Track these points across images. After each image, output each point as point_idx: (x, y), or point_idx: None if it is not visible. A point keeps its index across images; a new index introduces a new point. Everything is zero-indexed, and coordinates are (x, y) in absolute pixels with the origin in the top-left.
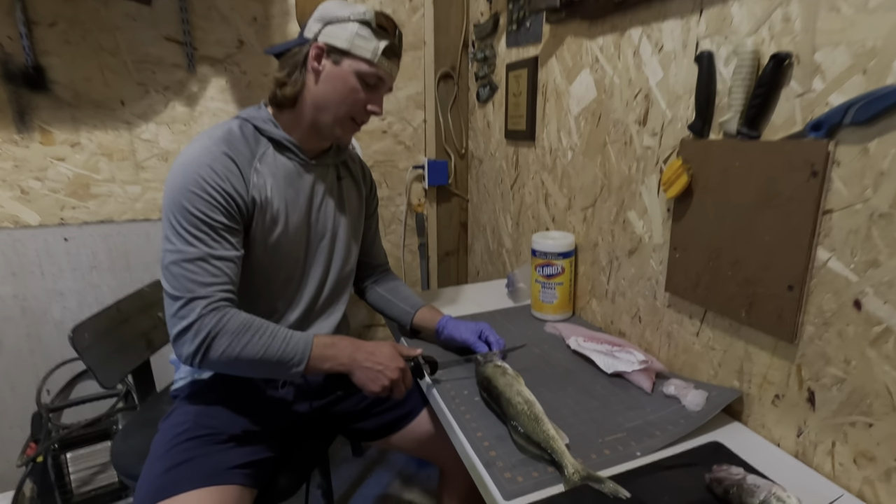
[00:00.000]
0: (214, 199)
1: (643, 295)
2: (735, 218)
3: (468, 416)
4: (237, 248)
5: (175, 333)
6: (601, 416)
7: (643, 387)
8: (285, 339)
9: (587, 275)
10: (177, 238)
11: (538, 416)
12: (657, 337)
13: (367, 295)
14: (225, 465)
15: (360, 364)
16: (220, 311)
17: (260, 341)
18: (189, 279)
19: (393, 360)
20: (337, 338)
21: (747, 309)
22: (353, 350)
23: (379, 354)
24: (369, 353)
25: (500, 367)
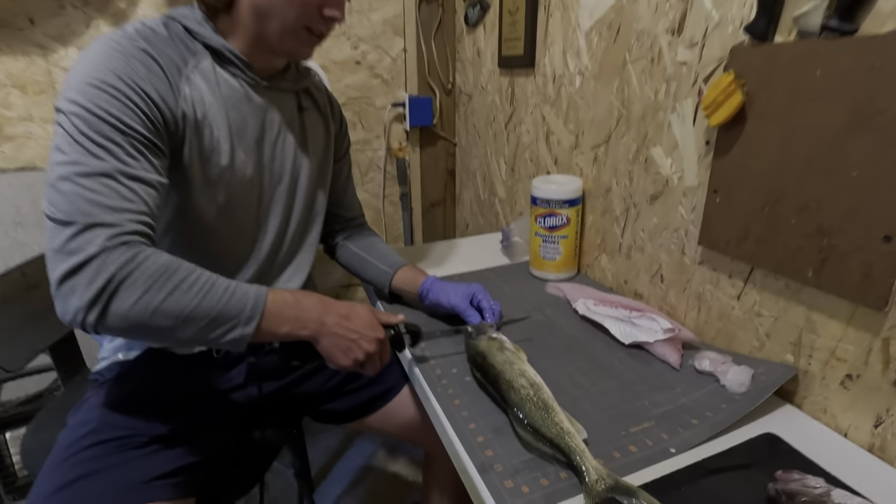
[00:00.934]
0: (130, 101)
1: (667, 249)
2: (808, 148)
3: (457, 401)
4: (160, 173)
5: (60, 276)
6: (621, 399)
7: (669, 361)
8: (228, 289)
9: (596, 226)
10: (72, 147)
11: (547, 404)
12: (683, 300)
13: (338, 253)
14: (143, 478)
15: (329, 329)
16: (131, 248)
17: (191, 291)
18: (87, 199)
19: (370, 328)
20: (300, 293)
21: (817, 267)
22: (321, 311)
23: (354, 319)
24: (342, 317)
25: (496, 340)
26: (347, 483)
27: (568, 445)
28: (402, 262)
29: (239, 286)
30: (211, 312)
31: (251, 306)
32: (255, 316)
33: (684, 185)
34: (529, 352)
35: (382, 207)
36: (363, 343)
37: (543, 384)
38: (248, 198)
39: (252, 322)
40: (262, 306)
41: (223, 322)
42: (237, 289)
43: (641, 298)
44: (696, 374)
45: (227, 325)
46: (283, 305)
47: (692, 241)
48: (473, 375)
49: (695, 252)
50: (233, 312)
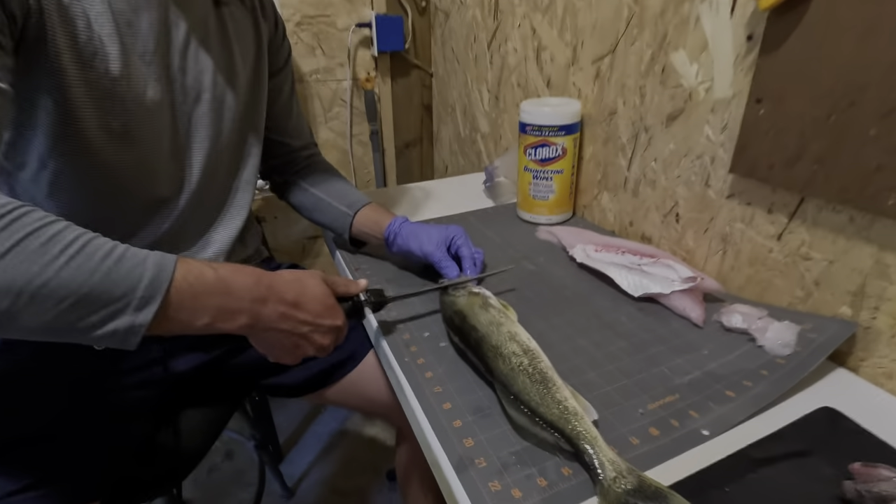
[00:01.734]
0: None
1: (686, 181)
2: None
3: (429, 373)
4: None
5: None
6: (634, 365)
7: (691, 316)
8: (110, 254)
9: (597, 158)
10: None
11: (546, 376)
12: (704, 243)
13: (288, 193)
14: None
15: (268, 324)
16: None
17: (45, 254)
18: None
19: (327, 314)
20: (228, 268)
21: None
22: (257, 296)
23: (305, 305)
24: (289, 305)
25: (478, 295)
26: (319, 450)
27: (575, 431)
28: (364, 200)
29: (129, 251)
30: (79, 288)
31: (148, 283)
32: (153, 298)
33: (713, 97)
34: (519, 309)
35: (350, 149)
36: (316, 337)
37: (540, 350)
38: (155, 124)
39: (148, 307)
40: (165, 284)
41: (100, 304)
42: (126, 256)
43: (650, 243)
44: (723, 332)
45: (107, 309)
46: (199, 286)
47: (719, 170)
48: (450, 340)
49: (722, 183)
50: (116, 291)
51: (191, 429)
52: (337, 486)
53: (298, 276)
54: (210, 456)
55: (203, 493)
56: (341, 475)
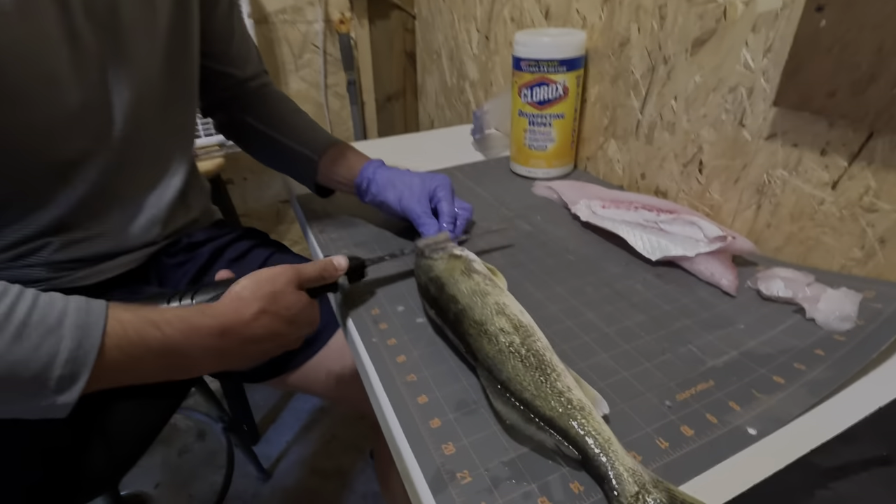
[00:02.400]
0: None
1: (715, 122)
2: None
3: (402, 357)
4: None
5: None
6: (656, 344)
7: (721, 283)
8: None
9: (604, 100)
10: None
11: (543, 359)
12: (734, 195)
13: (237, 135)
14: None
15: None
16: None
17: None
18: None
19: (307, 326)
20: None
21: None
22: (219, 348)
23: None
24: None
25: (460, 258)
26: (298, 428)
27: (581, 430)
28: (331, 140)
29: (36, 312)
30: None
31: (66, 358)
32: (76, 377)
33: (756, 11)
34: (511, 276)
35: (325, 101)
36: (290, 344)
37: (535, 326)
38: (49, 56)
39: (72, 389)
40: (91, 357)
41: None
42: (31, 322)
43: (666, 198)
44: (761, 301)
45: (16, 392)
46: (138, 352)
47: (758, 104)
48: (426, 314)
49: (761, 121)
50: (24, 373)
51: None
52: (317, 467)
53: (263, 304)
54: (181, 436)
55: (173, 475)
56: (321, 455)
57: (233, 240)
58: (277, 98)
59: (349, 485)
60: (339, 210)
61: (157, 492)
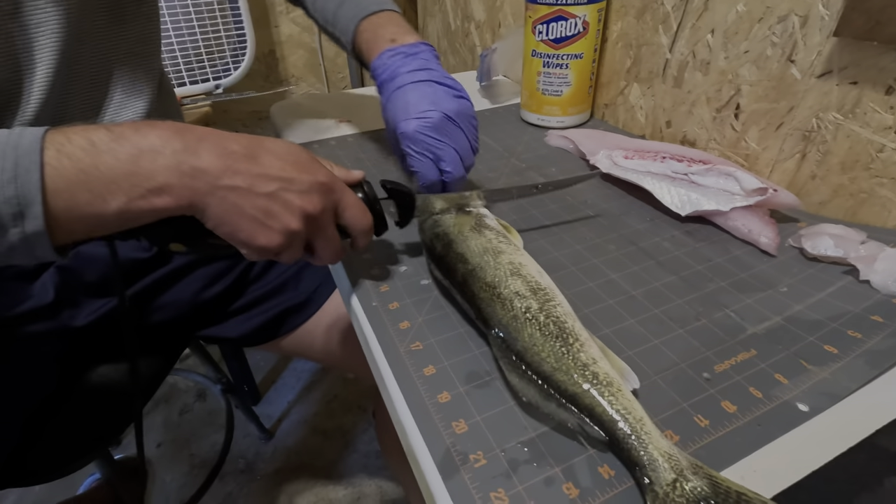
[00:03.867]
0: None
1: (758, 58)
2: None
3: (405, 323)
4: None
5: None
6: (689, 308)
7: (759, 241)
8: None
9: (627, 37)
10: None
11: (564, 326)
12: (775, 143)
13: None
14: None
15: (212, 182)
16: None
17: None
18: None
19: (301, 168)
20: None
21: None
22: (185, 146)
23: (264, 157)
24: (235, 156)
25: (469, 214)
26: (300, 388)
27: (609, 408)
28: (380, 4)
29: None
30: None
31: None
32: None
33: None
34: (526, 234)
35: (319, 47)
36: (292, 197)
37: (555, 289)
38: None
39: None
40: (35, 170)
41: None
42: None
43: (694, 147)
44: (805, 262)
45: None
46: (87, 156)
47: (813, 36)
48: (432, 275)
49: (814, 56)
50: None
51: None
52: (319, 426)
53: (252, 137)
54: (181, 396)
55: (174, 434)
56: (323, 414)
57: None
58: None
59: (351, 444)
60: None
61: (159, 451)
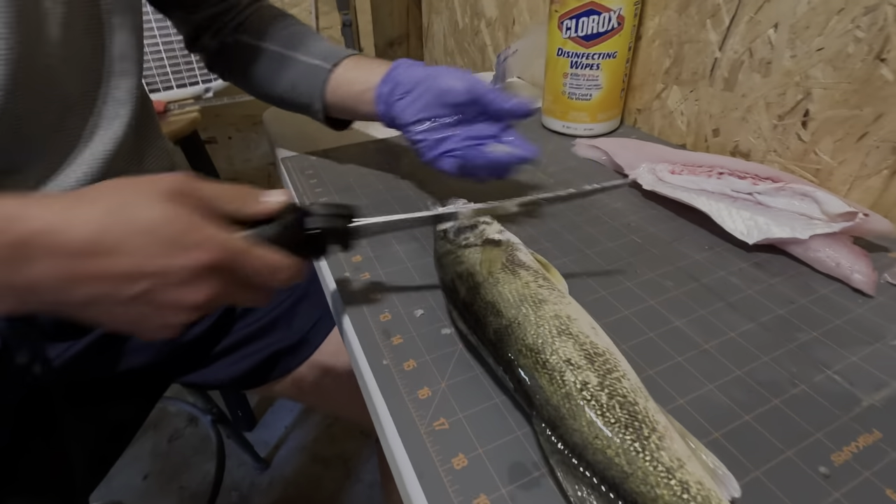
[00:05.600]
0: None
1: (835, 57)
2: None
3: (425, 391)
4: None
5: None
6: (780, 369)
7: (851, 278)
8: None
9: (667, 34)
10: None
11: (635, 411)
12: (856, 157)
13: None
14: None
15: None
16: None
17: None
18: None
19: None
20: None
21: None
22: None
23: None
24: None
25: (499, 245)
26: (298, 411)
27: None
28: (345, 52)
29: None
30: None
31: None
32: None
33: None
34: (562, 266)
35: None
36: (169, 294)
37: (617, 352)
38: None
39: None
40: None
41: None
42: None
43: (748, 160)
44: None
45: None
46: None
47: None
48: (454, 325)
49: None
50: None
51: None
52: (318, 454)
53: (107, 200)
54: (171, 420)
55: (163, 464)
56: (323, 440)
57: None
58: (277, 13)
59: (353, 473)
60: (338, 175)
61: (146, 484)
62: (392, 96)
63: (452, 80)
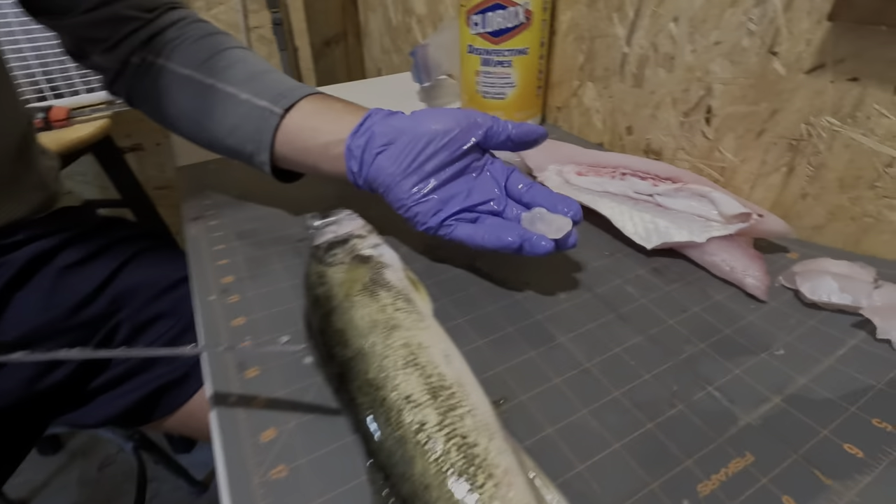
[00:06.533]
0: None
1: (732, 51)
2: None
3: (270, 432)
4: None
5: None
6: (661, 388)
7: (745, 283)
8: None
9: (579, 29)
10: None
11: (473, 454)
12: (756, 154)
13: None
14: None
15: None
16: None
17: None
18: None
19: None
20: None
21: None
22: None
23: None
24: None
25: (367, 262)
26: None
27: None
28: (306, 90)
29: None
30: None
31: None
32: None
33: None
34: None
35: (248, 45)
36: None
37: (468, 380)
38: None
39: None
40: None
41: None
42: None
43: (660, 158)
44: (804, 310)
45: None
46: None
47: (802, 20)
48: (315, 357)
49: (803, 47)
50: None
51: None
52: None
53: None
54: (103, 446)
55: (93, 492)
56: None
57: (71, 239)
58: (206, 30)
59: None
60: (236, 185)
61: None
62: (368, 151)
63: (438, 122)
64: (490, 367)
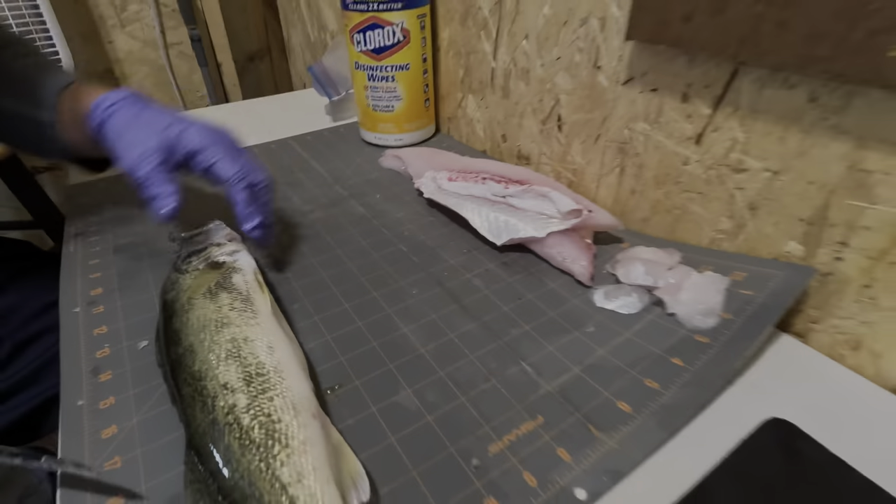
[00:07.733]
0: None
1: (569, 65)
2: None
3: (112, 429)
4: None
5: None
6: (482, 366)
7: (573, 270)
8: None
9: (457, 45)
10: None
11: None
12: (596, 156)
13: None
14: None
15: None
16: None
17: None
18: None
19: None
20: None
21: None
22: None
23: None
24: None
25: (220, 268)
26: None
27: None
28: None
29: None
30: None
31: None
32: None
33: None
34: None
35: (168, 61)
36: None
37: (291, 368)
38: None
39: None
40: None
41: None
42: None
43: (528, 163)
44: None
45: None
46: None
47: (613, 39)
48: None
49: (616, 62)
50: None
51: None
52: None
53: None
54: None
55: None
56: None
57: None
58: None
59: None
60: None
61: None
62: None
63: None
64: (333, 358)
